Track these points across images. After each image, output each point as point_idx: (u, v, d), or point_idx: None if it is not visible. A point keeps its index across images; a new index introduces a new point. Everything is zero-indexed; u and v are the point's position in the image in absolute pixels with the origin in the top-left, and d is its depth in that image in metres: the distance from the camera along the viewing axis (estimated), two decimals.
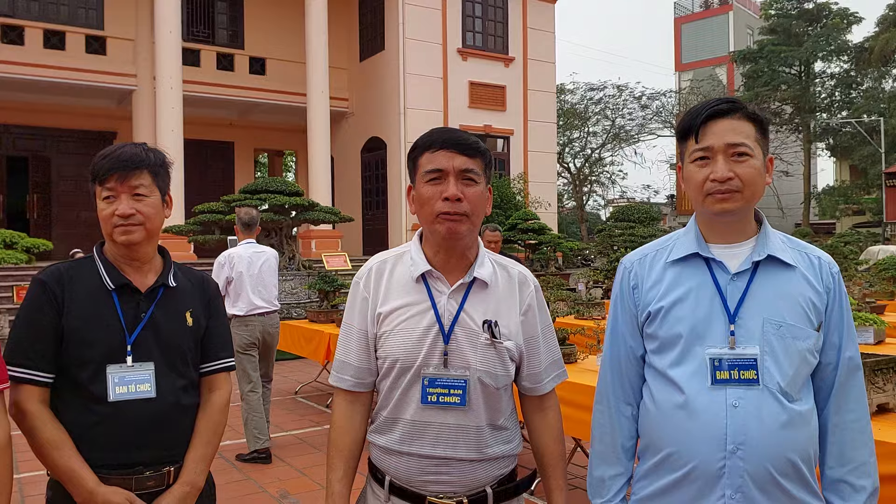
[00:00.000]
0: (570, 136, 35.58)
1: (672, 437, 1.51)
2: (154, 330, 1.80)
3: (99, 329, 1.75)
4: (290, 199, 11.39)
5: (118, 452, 1.73)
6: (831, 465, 1.54)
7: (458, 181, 1.58)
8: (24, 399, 1.70)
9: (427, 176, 1.60)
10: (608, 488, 1.65)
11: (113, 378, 1.73)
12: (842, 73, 35.70)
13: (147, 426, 1.75)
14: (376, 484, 1.68)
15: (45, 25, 15.89)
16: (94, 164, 1.81)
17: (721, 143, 1.50)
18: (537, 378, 1.73)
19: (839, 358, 1.55)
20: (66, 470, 1.68)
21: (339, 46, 18.95)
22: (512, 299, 1.68)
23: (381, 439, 1.66)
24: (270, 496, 4.58)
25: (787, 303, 1.51)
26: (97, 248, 1.86)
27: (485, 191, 1.64)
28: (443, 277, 1.64)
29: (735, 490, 1.44)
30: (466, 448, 1.60)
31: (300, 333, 7.55)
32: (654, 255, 1.65)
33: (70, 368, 1.74)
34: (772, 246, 1.55)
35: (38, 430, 1.68)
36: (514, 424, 1.73)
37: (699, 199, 1.55)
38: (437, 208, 1.58)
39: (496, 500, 1.64)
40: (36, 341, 1.72)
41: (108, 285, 1.79)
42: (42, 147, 17.95)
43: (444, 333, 1.60)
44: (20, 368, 1.70)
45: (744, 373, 1.47)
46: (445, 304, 1.62)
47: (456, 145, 1.59)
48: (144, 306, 1.80)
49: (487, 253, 1.72)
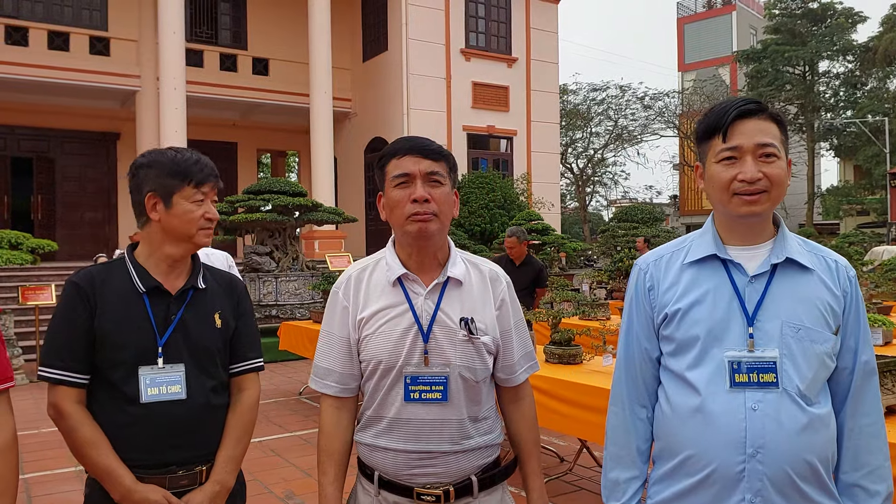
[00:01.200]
0: (573, 136, 35.58)
1: (690, 441, 1.50)
2: (184, 332, 1.83)
3: (130, 331, 1.78)
4: (293, 200, 11.38)
5: (153, 453, 1.77)
6: (846, 470, 1.53)
7: (424, 183, 1.66)
8: (61, 400, 1.74)
9: (395, 181, 1.67)
10: (623, 491, 1.64)
11: (144, 380, 1.77)
12: (846, 73, 35.63)
13: (179, 427, 1.79)
14: (365, 479, 1.74)
15: (49, 27, 15.91)
16: (186, 168, 1.84)
17: (751, 143, 1.48)
18: (511, 370, 1.80)
19: (855, 362, 1.54)
20: (104, 468, 1.72)
21: (343, 47, 18.95)
22: (486, 295, 1.75)
23: (367, 437, 1.72)
24: (276, 497, 4.57)
25: (806, 306, 1.49)
26: (128, 251, 1.89)
27: (451, 193, 1.72)
28: (418, 279, 1.71)
29: (754, 494, 1.43)
30: (450, 441, 1.66)
31: (304, 334, 7.56)
32: (669, 256, 1.64)
33: (103, 370, 1.77)
34: (790, 249, 1.54)
35: (75, 430, 1.73)
36: (495, 415, 1.80)
37: (724, 200, 1.52)
38: (407, 210, 1.65)
39: (481, 487, 1.71)
40: (70, 343, 1.75)
41: (139, 288, 1.81)
42: (46, 148, 17.95)
43: (423, 333, 1.67)
44: (55, 370, 1.74)
45: (763, 376, 1.45)
46: (422, 304, 1.69)
47: (421, 150, 1.68)
48: (174, 308, 1.84)
49: (459, 252, 1.79)
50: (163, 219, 1.82)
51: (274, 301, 10.81)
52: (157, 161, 1.84)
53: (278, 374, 9.36)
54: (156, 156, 1.86)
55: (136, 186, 1.85)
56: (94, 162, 18.33)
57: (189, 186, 1.83)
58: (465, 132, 18.06)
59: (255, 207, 11.31)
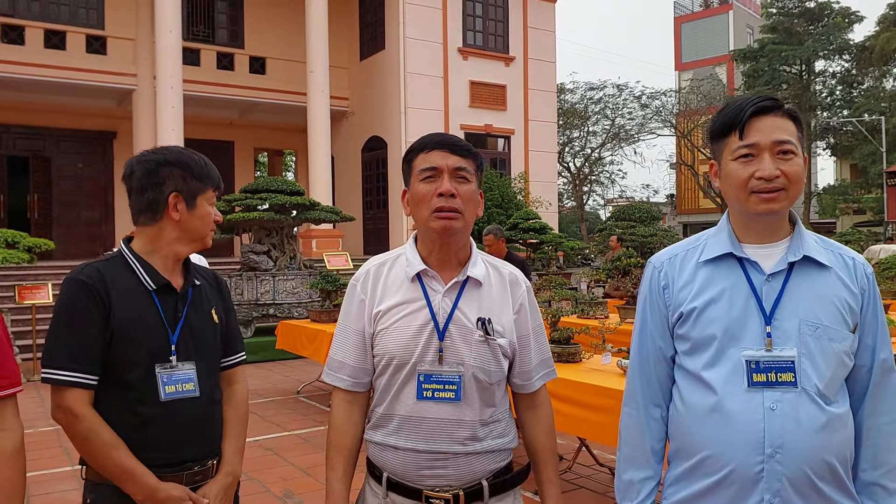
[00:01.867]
0: (570, 135, 35.61)
1: (707, 441, 1.48)
2: (190, 329, 1.84)
3: (145, 329, 1.76)
4: (290, 199, 11.35)
5: (170, 451, 1.77)
6: (865, 468, 1.51)
7: (451, 178, 1.65)
8: (76, 403, 1.68)
9: (422, 174, 1.67)
10: (637, 492, 1.62)
11: (162, 378, 1.76)
12: (843, 72, 35.70)
13: (193, 424, 1.80)
14: (374, 480, 1.71)
15: (45, 25, 15.84)
16: (209, 171, 1.91)
17: (768, 141, 1.46)
18: (527, 376, 1.78)
19: (874, 360, 1.52)
20: (128, 469, 1.69)
21: (340, 46, 18.92)
22: (505, 298, 1.73)
23: (377, 436, 1.69)
24: (274, 496, 4.56)
25: (823, 304, 1.48)
26: (126, 246, 1.86)
27: (476, 191, 1.71)
28: (437, 276, 1.69)
29: (773, 494, 1.41)
30: (461, 442, 1.63)
31: (302, 333, 7.54)
32: (684, 254, 1.62)
33: (115, 369, 1.73)
34: (807, 246, 1.52)
35: (95, 433, 1.68)
36: (509, 419, 1.76)
37: (742, 198, 1.50)
38: (433, 204, 1.64)
39: (492, 492, 1.67)
40: (83, 343, 1.69)
41: (148, 285, 1.80)
42: (42, 147, 17.89)
43: (438, 330, 1.64)
44: (67, 371, 1.67)
45: (781, 375, 1.44)
46: (440, 302, 1.66)
47: (450, 146, 1.67)
48: (181, 306, 1.84)
49: (480, 253, 1.77)
50: (183, 219, 1.82)
51: (271, 300, 10.78)
52: (182, 162, 1.84)
53: (276, 373, 9.34)
54: (176, 155, 1.85)
55: (154, 183, 1.80)
56: (90, 161, 18.28)
57: (211, 189, 1.88)
58: (462, 131, 18.03)
59: (252, 206, 11.28)
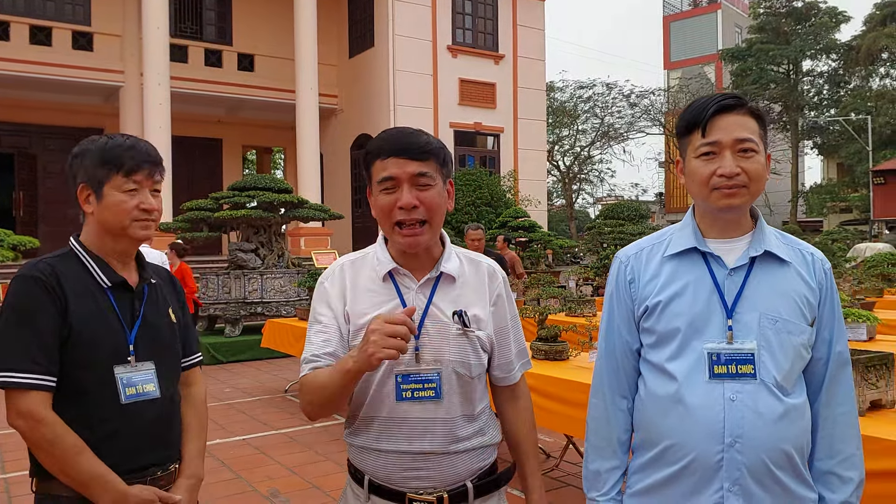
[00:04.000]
0: (560, 133, 35.67)
1: (670, 431, 1.52)
2: (147, 328, 1.76)
3: (102, 328, 1.67)
4: (278, 197, 11.31)
5: (132, 455, 1.68)
6: (820, 458, 1.56)
7: (412, 188, 1.56)
8: (37, 406, 1.57)
9: (381, 185, 1.58)
10: (604, 481, 1.65)
11: (121, 379, 1.68)
12: (830, 72, 35.93)
13: (155, 426, 1.73)
14: (356, 483, 1.67)
15: (31, 21, 15.73)
16: (116, 155, 1.69)
17: (729, 139, 1.50)
18: (509, 367, 1.76)
19: (830, 352, 1.57)
20: (95, 475, 1.60)
21: (329, 43, 18.88)
22: (482, 290, 1.69)
23: (357, 439, 1.65)
24: (261, 495, 4.55)
25: (783, 298, 1.52)
26: (76, 242, 1.76)
27: (443, 190, 1.62)
28: (410, 274, 1.64)
29: (733, 482, 1.46)
30: (443, 441, 1.59)
31: (289, 331, 7.52)
32: (650, 249, 1.65)
33: (72, 371, 1.64)
34: (768, 242, 1.56)
35: (60, 438, 1.58)
36: (490, 414, 1.74)
37: (704, 194, 1.54)
38: (394, 216, 1.57)
39: (477, 494, 1.63)
40: (40, 343, 1.60)
41: (103, 282, 1.71)
42: (28, 144, 17.77)
43: None
44: (26, 373, 1.57)
45: (741, 367, 1.48)
46: (414, 298, 1.61)
47: (405, 152, 1.56)
48: (137, 304, 1.76)
49: (454, 248, 1.71)
50: (96, 212, 1.71)
51: (259, 298, 10.74)
52: (88, 150, 1.71)
53: (263, 371, 9.32)
54: (88, 144, 1.73)
55: (71, 177, 1.73)
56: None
57: (119, 175, 1.68)
58: (451, 129, 18.05)
59: (240, 204, 11.25)
